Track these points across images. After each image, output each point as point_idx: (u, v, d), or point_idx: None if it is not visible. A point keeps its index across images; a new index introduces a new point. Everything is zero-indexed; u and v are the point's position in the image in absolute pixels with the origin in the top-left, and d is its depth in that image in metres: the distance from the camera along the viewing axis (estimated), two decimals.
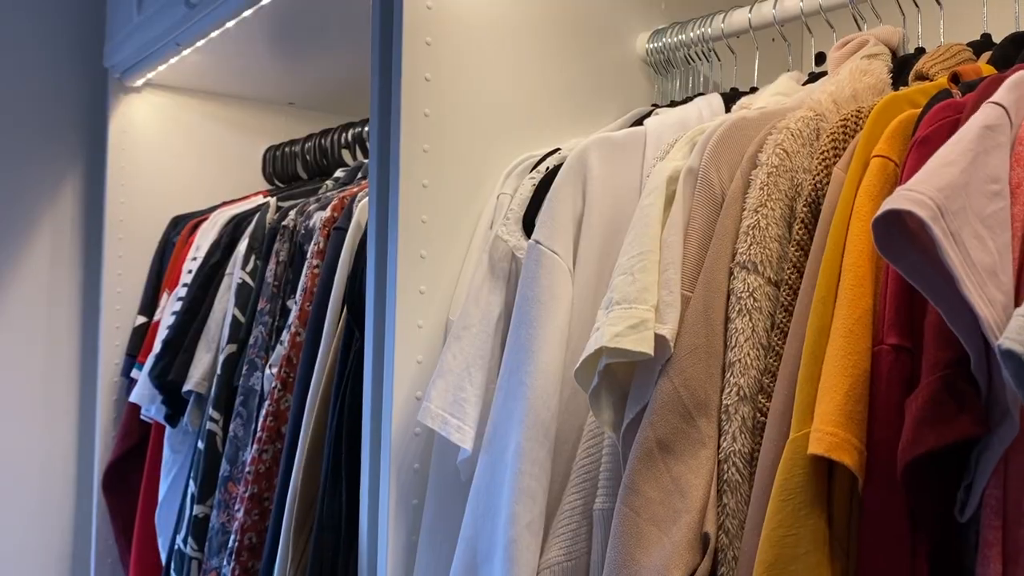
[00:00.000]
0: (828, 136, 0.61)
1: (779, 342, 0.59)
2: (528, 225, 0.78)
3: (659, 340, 0.61)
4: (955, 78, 0.60)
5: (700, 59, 0.96)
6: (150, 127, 1.62)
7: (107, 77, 1.60)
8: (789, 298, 0.59)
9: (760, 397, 0.59)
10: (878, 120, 0.58)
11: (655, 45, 0.99)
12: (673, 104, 0.93)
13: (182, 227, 1.58)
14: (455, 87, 0.85)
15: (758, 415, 0.59)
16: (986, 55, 0.67)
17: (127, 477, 1.52)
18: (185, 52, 1.39)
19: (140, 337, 1.53)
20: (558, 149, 0.85)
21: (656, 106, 0.95)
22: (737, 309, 0.60)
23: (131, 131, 1.61)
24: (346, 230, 1.07)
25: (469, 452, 0.75)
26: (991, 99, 0.50)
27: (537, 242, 0.73)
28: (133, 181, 1.61)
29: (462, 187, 0.84)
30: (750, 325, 0.60)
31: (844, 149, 0.59)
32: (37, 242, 1.66)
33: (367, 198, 1.05)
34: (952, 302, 0.46)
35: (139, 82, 1.58)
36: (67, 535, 1.67)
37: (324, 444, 0.92)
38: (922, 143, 0.52)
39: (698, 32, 0.94)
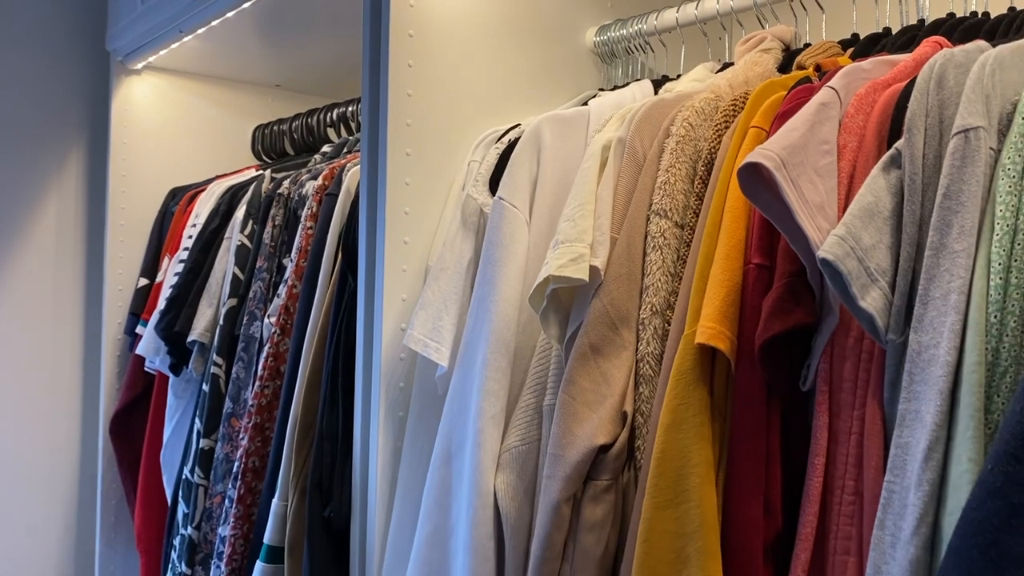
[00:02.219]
0: (721, 113, 0.79)
1: (682, 270, 0.78)
2: (493, 186, 0.96)
3: (592, 270, 0.79)
4: (818, 68, 0.79)
5: (639, 50, 1.14)
6: (149, 106, 1.77)
7: (109, 60, 1.75)
8: (690, 236, 0.78)
9: (667, 312, 0.78)
10: (756, 100, 0.76)
11: (601, 38, 1.17)
12: (615, 88, 1.11)
13: (180, 197, 1.73)
14: (433, 72, 1.02)
15: (666, 325, 0.77)
16: (851, 50, 0.86)
17: (132, 424, 1.68)
18: (186, 38, 1.54)
19: (143, 297, 1.68)
20: (518, 124, 1.02)
21: (602, 90, 1.14)
22: (652, 246, 0.79)
23: (131, 110, 1.76)
24: (337, 195, 1.23)
25: (445, 368, 0.93)
26: (828, 84, 0.69)
27: (500, 198, 0.91)
28: (133, 156, 1.76)
29: (439, 155, 1.02)
30: (661, 258, 0.78)
31: (732, 122, 0.78)
32: (44, 212, 1.81)
33: (355, 167, 1.22)
34: (793, 229, 0.64)
35: (139, 65, 1.72)
36: (73, 480, 1.83)
37: (322, 372, 1.09)
38: (781, 116, 0.71)
39: (636, 28, 1.12)
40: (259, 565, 1.12)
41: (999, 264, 0.56)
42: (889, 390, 0.62)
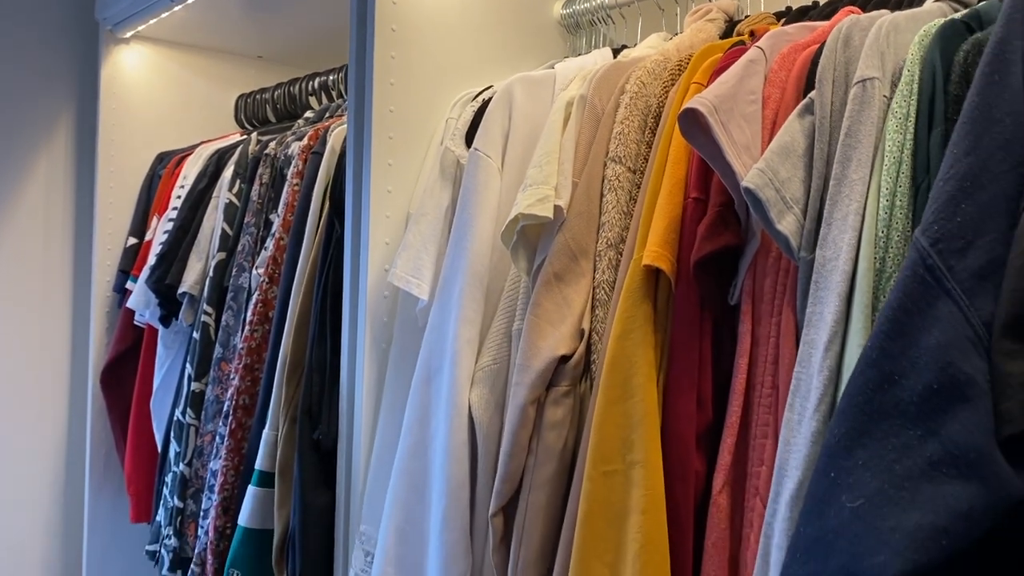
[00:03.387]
0: (668, 72, 0.91)
1: (634, 209, 0.89)
2: (469, 140, 1.06)
3: (556, 209, 0.90)
4: (752, 34, 0.91)
5: (601, 23, 1.26)
6: (137, 74, 1.85)
7: (99, 29, 1.83)
8: (641, 180, 0.90)
9: (620, 245, 0.89)
10: (697, 61, 0.88)
11: (567, 11, 1.28)
12: (579, 56, 1.22)
13: (167, 161, 1.82)
14: (415, 38, 1.12)
15: (619, 257, 0.89)
16: (783, 20, 0.98)
17: (122, 375, 1.77)
18: (176, 8, 1.63)
19: (132, 255, 1.77)
20: (491, 86, 1.13)
21: (567, 58, 1.25)
22: (608, 188, 0.90)
23: (119, 77, 1.84)
24: (322, 154, 1.33)
25: (425, 302, 1.04)
26: (757, 44, 0.81)
27: (476, 149, 1.02)
28: (122, 122, 1.84)
29: (420, 113, 1.13)
30: (616, 198, 0.90)
31: (678, 80, 0.90)
32: (34, 175, 1.88)
33: (339, 128, 1.32)
34: (723, 166, 0.76)
35: (128, 34, 1.80)
36: (62, 432, 1.91)
37: (311, 312, 1.19)
38: (717, 72, 0.83)
39: (599, 1, 1.23)
40: (251, 489, 1.23)
41: (887, 189, 0.69)
42: (801, 299, 0.74)
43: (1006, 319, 0.57)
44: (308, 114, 1.61)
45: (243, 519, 1.22)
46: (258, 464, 1.23)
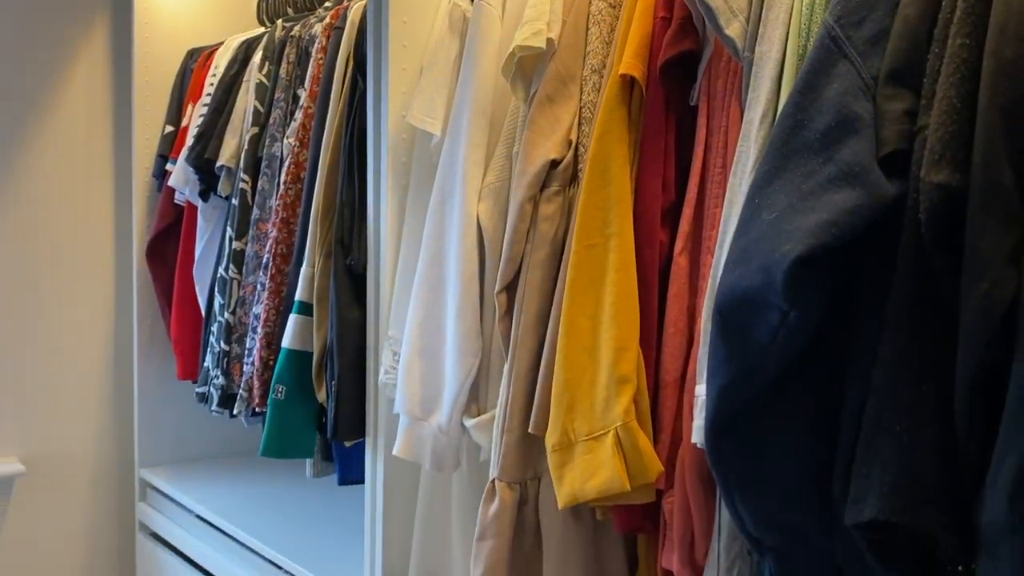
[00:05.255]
0: None
1: (612, 39, 1.06)
2: None
3: (548, 40, 1.07)
4: None
5: None
6: None
7: None
8: (619, 13, 1.06)
9: (603, 71, 1.06)
10: None
11: None
12: None
13: (198, 56, 1.98)
14: None
15: (600, 81, 1.06)
16: None
17: (164, 250, 1.96)
18: None
19: (170, 142, 1.94)
20: None
21: None
22: (592, 22, 1.07)
23: None
24: (343, 28, 1.49)
25: (439, 137, 1.21)
26: None
27: (480, 0, 1.18)
28: (155, 20, 2.00)
29: None
30: (599, 31, 1.07)
31: None
32: (75, 75, 2.06)
33: (357, 5, 1.48)
34: None
35: None
36: (110, 302, 2.12)
37: (340, 159, 1.37)
38: None
39: None
40: (292, 316, 1.42)
41: None
42: (744, 93, 0.91)
43: (888, 71, 0.74)
44: (327, 3, 1.77)
45: (286, 342, 1.42)
46: (298, 295, 1.42)
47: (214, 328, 1.69)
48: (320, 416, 1.44)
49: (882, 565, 0.75)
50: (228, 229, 1.69)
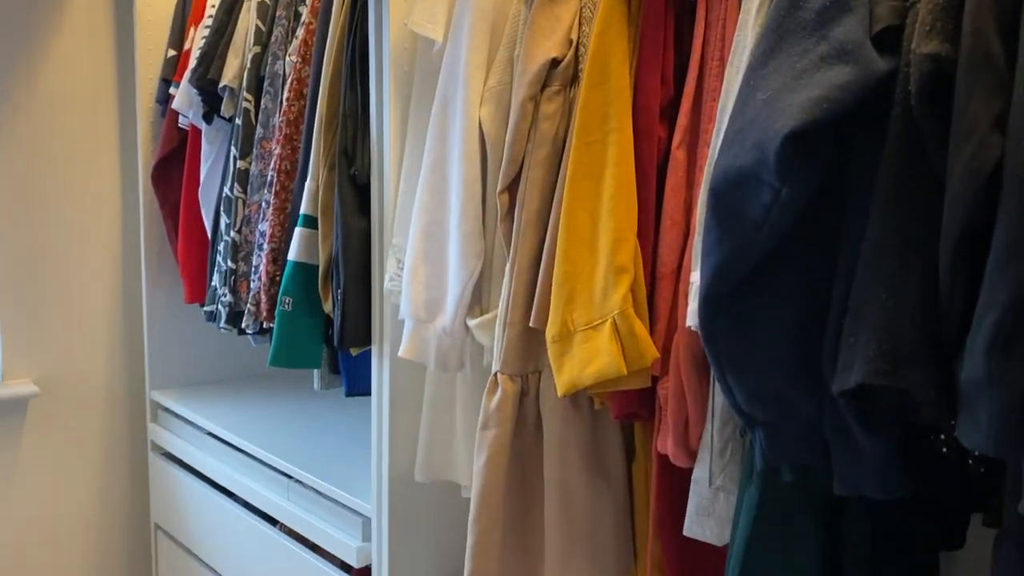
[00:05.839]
0: None
1: None
2: None
3: None
4: None
5: None
6: None
7: None
8: None
9: None
10: None
11: None
12: None
13: None
14: None
15: None
16: None
17: (169, 174, 1.97)
18: None
19: (173, 65, 1.95)
20: None
21: None
22: None
23: None
24: None
25: (440, 43, 1.22)
26: None
27: None
28: None
29: None
30: None
31: None
32: (77, 1, 2.05)
33: None
34: None
35: None
36: (116, 225, 2.14)
37: (343, 71, 1.38)
38: None
39: None
40: (297, 230, 1.45)
41: None
42: None
43: None
44: None
45: (292, 255, 1.44)
46: (302, 209, 1.44)
47: (220, 247, 1.72)
48: (327, 329, 1.47)
49: (867, 435, 0.78)
50: (232, 149, 1.70)
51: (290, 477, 1.60)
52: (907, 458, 0.80)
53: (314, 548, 1.58)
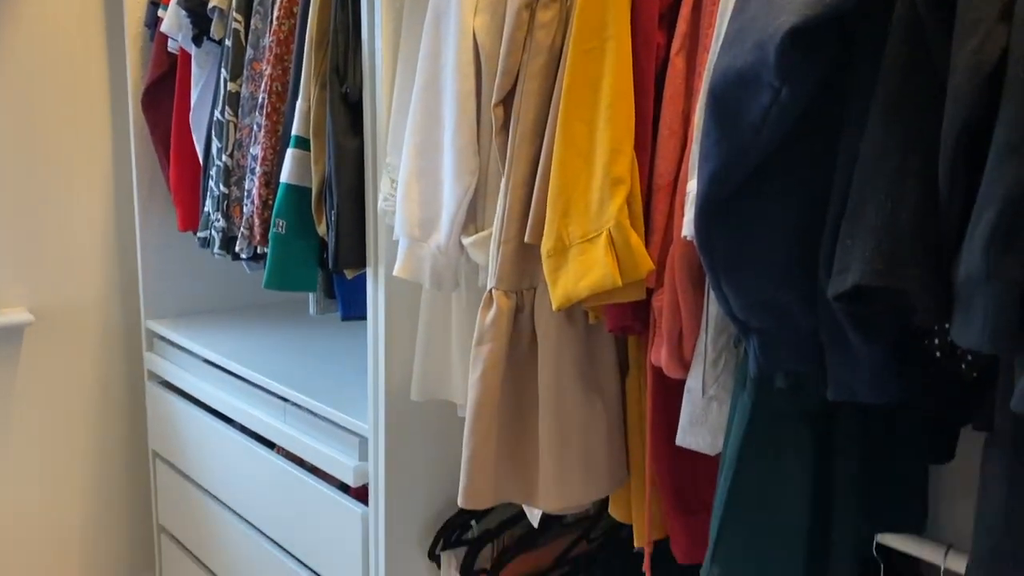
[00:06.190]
0: None
1: None
2: None
3: None
4: None
5: None
6: None
7: None
8: None
9: None
10: None
11: None
12: None
13: None
14: None
15: None
16: None
17: (160, 99, 1.94)
18: None
19: None
20: None
21: None
22: None
23: None
24: None
25: None
26: None
27: None
28: None
29: None
30: None
31: None
32: None
33: None
34: None
35: None
36: (107, 154, 2.12)
37: None
38: None
39: None
40: (289, 151, 1.43)
41: None
42: None
43: None
44: None
45: (284, 177, 1.43)
46: (294, 131, 1.42)
47: (212, 172, 1.70)
48: (321, 252, 1.46)
49: (862, 339, 0.78)
50: (222, 71, 1.67)
51: (286, 400, 1.61)
52: (901, 363, 0.80)
53: (312, 470, 1.60)
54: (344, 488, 1.53)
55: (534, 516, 1.20)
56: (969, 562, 0.79)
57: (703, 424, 0.95)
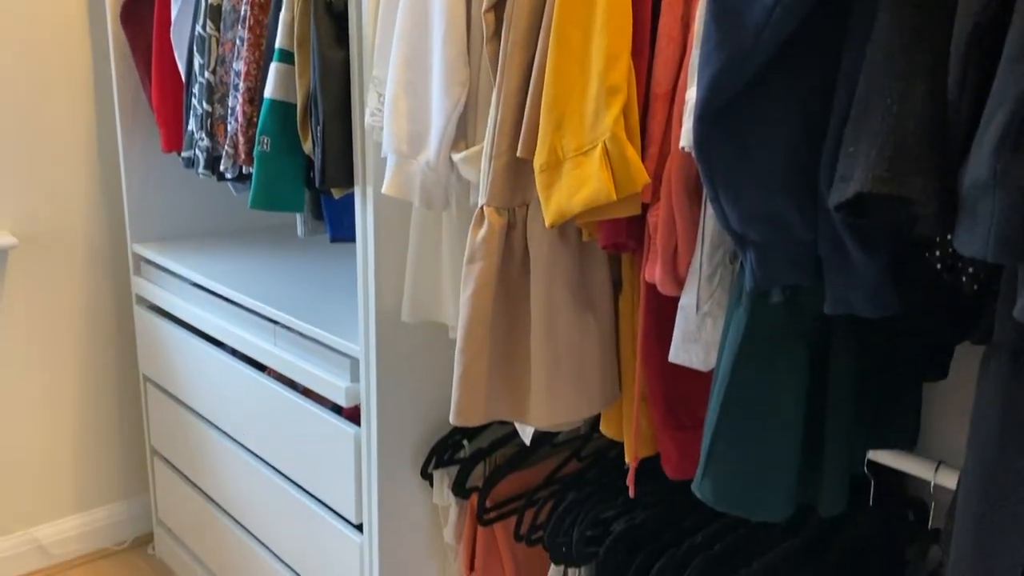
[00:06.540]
0: None
1: None
2: None
3: None
4: None
5: None
6: None
7: None
8: None
9: None
10: None
11: None
12: None
13: None
14: None
15: None
16: None
17: (140, 14, 1.87)
18: None
19: None
20: None
21: None
22: None
23: None
24: None
25: None
26: None
27: None
28: None
29: None
30: None
31: None
32: None
33: None
34: None
35: None
36: (87, 73, 2.05)
37: None
38: None
39: None
40: (273, 65, 1.38)
41: None
42: None
43: None
44: None
45: (268, 92, 1.38)
46: (278, 44, 1.37)
47: (195, 90, 1.65)
48: (308, 170, 1.43)
49: (861, 251, 0.77)
50: None
51: (276, 323, 1.60)
52: (900, 276, 0.79)
53: (304, 392, 1.59)
54: (336, 409, 1.53)
55: (526, 434, 1.20)
56: (961, 474, 0.79)
57: (696, 340, 0.94)
